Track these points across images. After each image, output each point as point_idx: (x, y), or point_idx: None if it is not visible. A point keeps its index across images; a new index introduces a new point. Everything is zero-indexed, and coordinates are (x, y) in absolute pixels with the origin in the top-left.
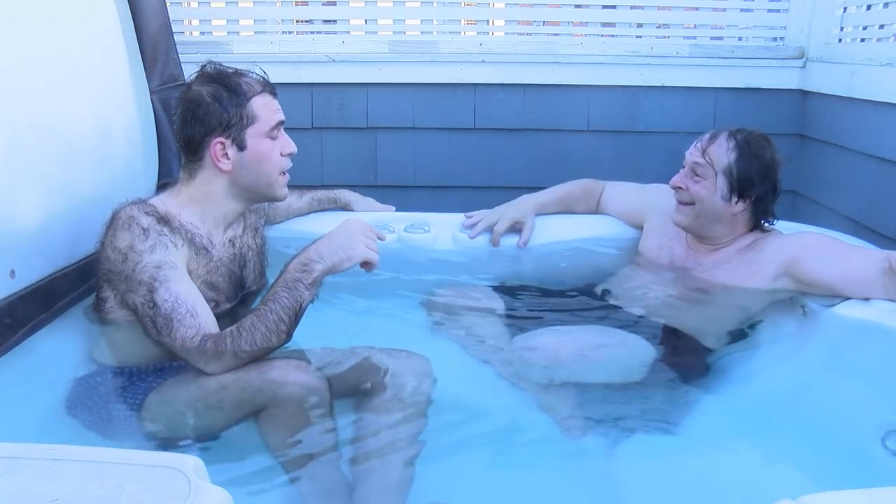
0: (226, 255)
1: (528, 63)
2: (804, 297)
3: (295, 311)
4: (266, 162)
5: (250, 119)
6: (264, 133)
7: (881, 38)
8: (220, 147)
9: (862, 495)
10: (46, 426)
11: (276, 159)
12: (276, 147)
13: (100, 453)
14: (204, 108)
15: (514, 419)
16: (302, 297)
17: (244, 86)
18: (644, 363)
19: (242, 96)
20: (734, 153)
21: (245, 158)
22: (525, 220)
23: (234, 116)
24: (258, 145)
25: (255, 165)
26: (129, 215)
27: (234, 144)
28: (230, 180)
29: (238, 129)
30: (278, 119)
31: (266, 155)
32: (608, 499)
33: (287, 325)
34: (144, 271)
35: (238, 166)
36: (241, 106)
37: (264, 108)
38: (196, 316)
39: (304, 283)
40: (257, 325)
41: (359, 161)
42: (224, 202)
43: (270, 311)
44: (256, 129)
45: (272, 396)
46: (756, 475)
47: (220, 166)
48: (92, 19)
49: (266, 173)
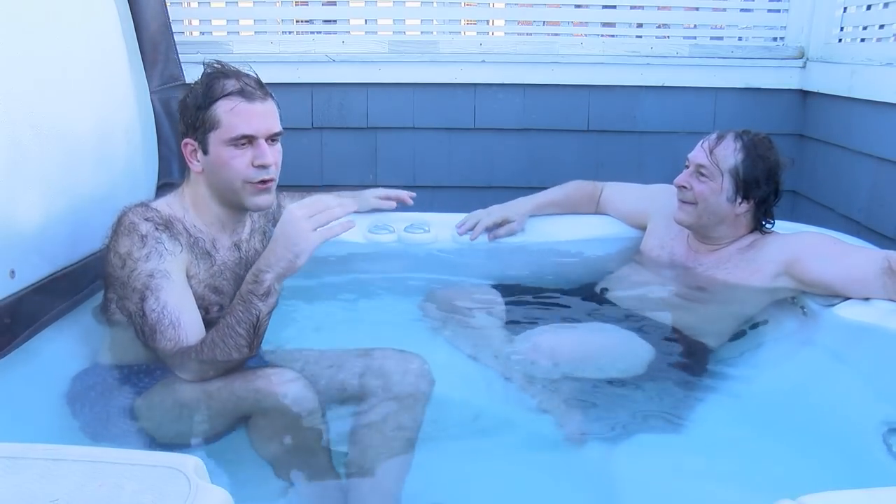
0: (230, 259)
1: (528, 63)
2: (804, 296)
3: (252, 325)
4: (226, 170)
5: (211, 124)
6: (224, 140)
7: (881, 38)
8: (190, 148)
9: (862, 495)
10: (46, 426)
11: (239, 169)
12: (238, 156)
13: (100, 453)
14: (182, 106)
15: (514, 419)
16: (257, 309)
17: (216, 87)
18: (643, 361)
19: (209, 98)
20: (741, 154)
21: (209, 163)
22: (513, 219)
23: (197, 119)
24: (218, 152)
25: (218, 171)
26: (131, 221)
27: (200, 147)
28: (207, 183)
29: (202, 132)
30: (243, 132)
31: (225, 163)
32: (608, 498)
33: (246, 339)
34: (138, 279)
35: (206, 170)
36: (204, 109)
37: (229, 115)
38: (178, 328)
39: (256, 294)
40: (217, 341)
41: (359, 161)
42: (211, 205)
43: (227, 326)
44: (217, 136)
45: (257, 406)
46: (756, 475)
47: (192, 168)
48: (92, 19)
49: (228, 181)
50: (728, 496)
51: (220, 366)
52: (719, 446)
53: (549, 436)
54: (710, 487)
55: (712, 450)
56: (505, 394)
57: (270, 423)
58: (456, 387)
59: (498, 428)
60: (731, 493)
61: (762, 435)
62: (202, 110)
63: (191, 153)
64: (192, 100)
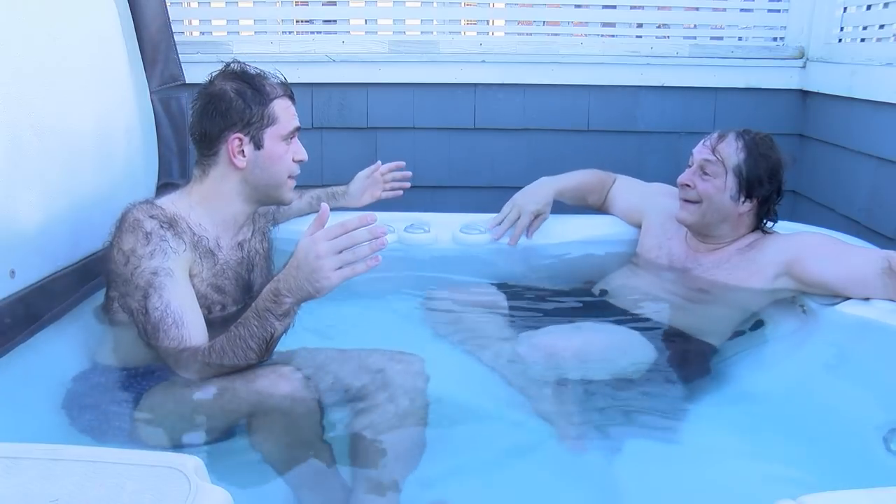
0: (233, 258)
1: (528, 63)
2: (804, 296)
3: (265, 341)
4: (279, 164)
5: (271, 119)
6: (281, 136)
7: (881, 38)
8: (238, 143)
9: (862, 495)
10: (46, 426)
11: (288, 163)
12: (289, 151)
13: (100, 453)
14: (227, 103)
15: (514, 419)
16: (273, 327)
17: (268, 87)
18: (643, 361)
19: (266, 96)
20: (743, 153)
21: (260, 158)
22: (544, 211)
23: (255, 114)
24: (274, 146)
25: (269, 166)
26: (135, 218)
27: (251, 142)
28: (242, 179)
29: (258, 127)
30: (295, 125)
31: (279, 157)
32: (608, 497)
33: (257, 353)
34: (142, 276)
35: (252, 165)
36: (264, 105)
37: (285, 112)
38: (181, 327)
39: (274, 313)
40: (226, 349)
41: (359, 161)
42: (234, 202)
43: (239, 338)
44: (275, 131)
45: (258, 406)
46: (756, 475)
47: (235, 162)
48: (92, 19)
49: (277, 175)
50: (728, 496)
51: (224, 369)
52: (719, 446)
53: (550, 436)
54: (710, 487)
55: (712, 450)
56: (505, 394)
57: (271, 422)
58: (456, 387)
59: (498, 428)
60: (732, 493)
61: (762, 435)
62: (262, 106)
63: (237, 148)
64: (246, 96)
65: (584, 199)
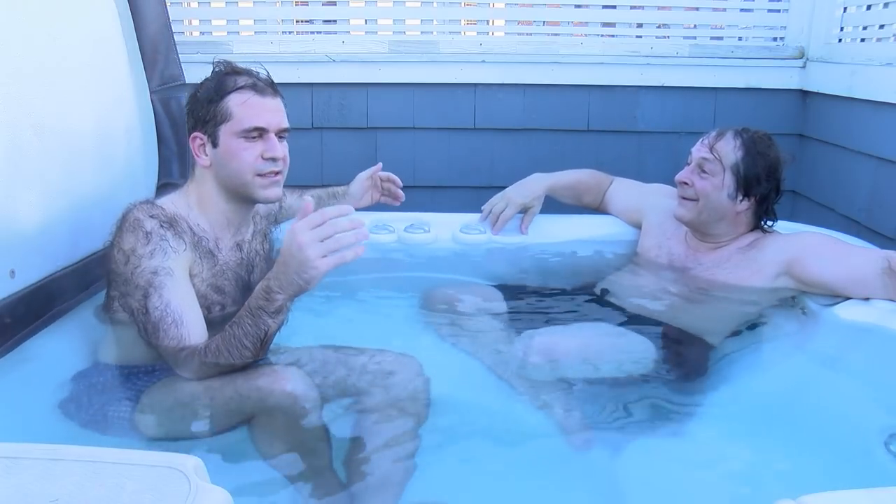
0: (232, 259)
1: (528, 63)
2: (804, 296)
3: (260, 339)
4: (236, 161)
5: (224, 116)
6: (235, 132)
7: (881, 38)
8: (199, 141)
9: (862, 495)
10: (46, 426)
11: (249, 160)
12: (250, 148)
13: (100, 453)
14: (191, 103)
15: (514, 419)
16: (266, 325)
17: (228, 82)
18: (643, 361)
19: (221, 92)
20: (741, 151)
21: (218, 155)
22: (532, 205)
23: (209, 112)
24: (229, 143)
25: (228, 163)
26: (136, 217)
27: (209, 140)
28: (214, 177)
29: (213, 124)
30: (255, 124)
31: (235, 154)
32: (608, 497)
33: (252, 351)
34: (142, 276)
35: (214, 163)
36: (217, 102)
37: (241, 107)
38: (181, 326)
39: (266, 311)
40: (221, 349)
41: (359, 161)
42: (218, 201)
43: (234, 337)
44: (229, 128)
45: (259, 405)
46: (756, 475)
47: (199, 161)
48: (92, 19)
49: (239, 173)
50: (728, 496)
51: (222, 368)
52: (720, 446)
53: (550, 436)
54: (710, 487)
55: (713, 450)
56: (505, 394)
57: (272, 421)
58: (456, 387)
59: (498, 428)
60: (732, 493)
61: (762, 435)
62: (214, 103)
63: (199, 147)
64: (203, 94)
65: (578, 198)
